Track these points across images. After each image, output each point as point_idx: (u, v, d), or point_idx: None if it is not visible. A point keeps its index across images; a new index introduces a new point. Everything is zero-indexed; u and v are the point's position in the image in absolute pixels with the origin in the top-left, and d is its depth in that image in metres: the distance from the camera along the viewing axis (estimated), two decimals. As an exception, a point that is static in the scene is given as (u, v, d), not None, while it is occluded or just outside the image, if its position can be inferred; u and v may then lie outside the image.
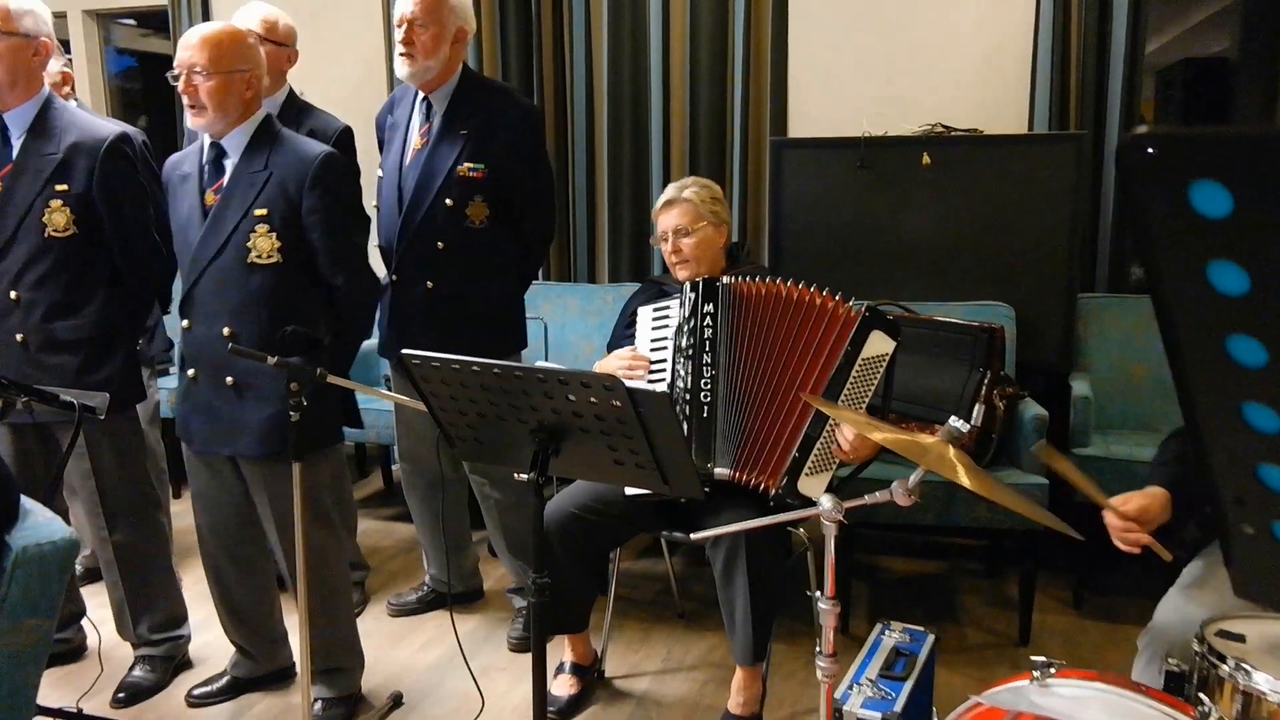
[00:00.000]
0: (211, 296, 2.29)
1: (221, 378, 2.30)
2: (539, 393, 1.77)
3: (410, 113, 2.83)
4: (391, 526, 3.92)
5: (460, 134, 2.72)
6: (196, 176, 2.33)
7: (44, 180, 2.35)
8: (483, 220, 2.76)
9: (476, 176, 2.72)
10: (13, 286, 2.36)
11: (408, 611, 3.12)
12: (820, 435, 2.36)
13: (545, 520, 2.42)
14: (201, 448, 2.40)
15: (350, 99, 4.20)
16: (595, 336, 3.68)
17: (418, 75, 2.70)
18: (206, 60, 2.21)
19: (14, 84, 2.35)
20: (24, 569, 1.30)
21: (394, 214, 2.78)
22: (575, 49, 3.94)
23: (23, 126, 2.39)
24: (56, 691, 2.63)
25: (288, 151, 2.31)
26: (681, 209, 2.60)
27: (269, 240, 2.27)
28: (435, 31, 2.67)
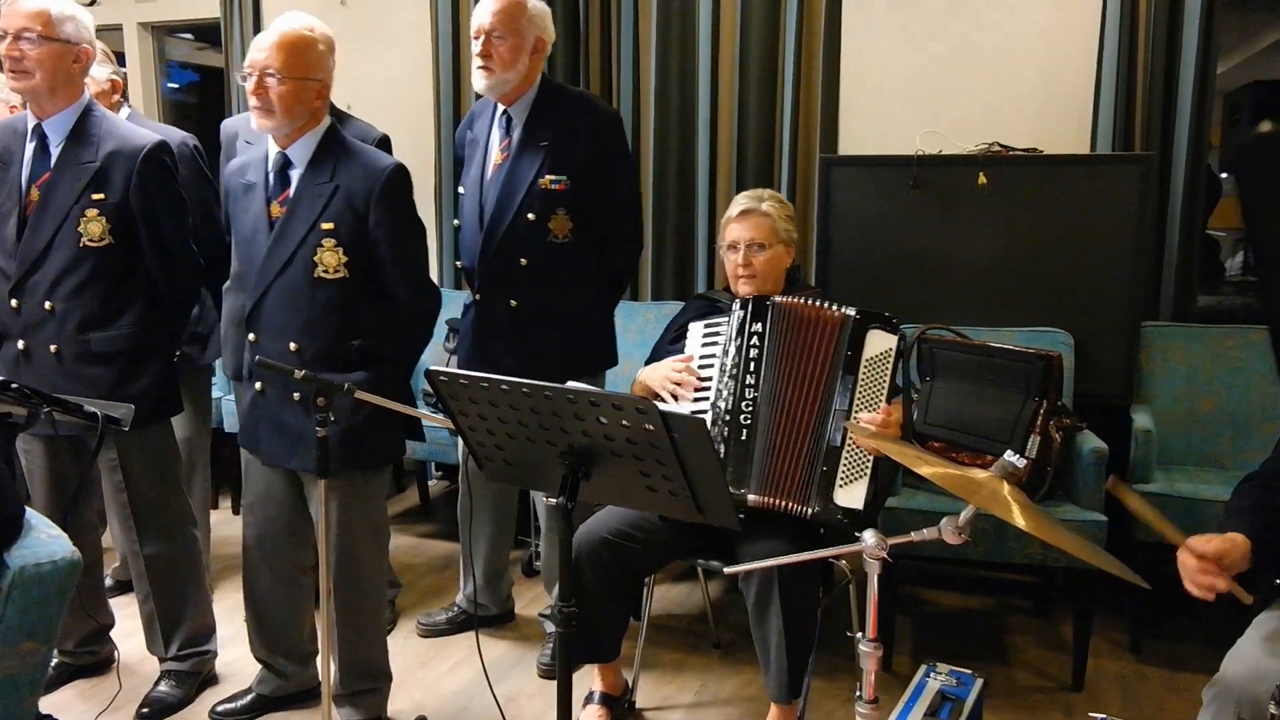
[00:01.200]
0: (278, 311, 2.26)
1: (290, 392, 2.26)
2: (570, 414, 1.70)
3: (490, 127, 2.77)
4: (425, 543, 3.86)
5: (541, 145, 2.66)
6: (262, 187, 2.30)
7: (81, 189, 2.32)
8: (566, 234, 2.69)
9: (559, 189, 2.65)
10: (48, 297, 2.34)
11: (437, 632, 3.05)
12: (844, 444, 2.29)
13: (576, 545, 2.36)
14: (272, 462, 2.36)
15: (396, 108, 4.19)
16: (636, 354, 3.59)
17: (496, 88, 2.64)
18: (282, 64, 2.18)
19: (54, 90, 2.33)
20: (21, 590, 1.25)
21: (475, 232, 2.72)
22: (622, 64, 3.88)
23: (62, 134, 2.37)
24: (78, 706, 2.60)
25: (355, 164, 2.26)
26: (758, 222, 2.50)
27: (335, 255, 2.24)
28: (514, 43, 2.61)
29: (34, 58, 2.27)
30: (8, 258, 2.36)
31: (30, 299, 2.34)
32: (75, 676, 2.72)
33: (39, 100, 2.34)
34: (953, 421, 2.94)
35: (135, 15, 4.95)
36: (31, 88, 2.30)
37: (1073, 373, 3.08)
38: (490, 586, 3.06)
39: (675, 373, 2.46)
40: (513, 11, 2.61)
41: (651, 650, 2.92)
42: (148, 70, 5.07)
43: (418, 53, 4.25)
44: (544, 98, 2.71)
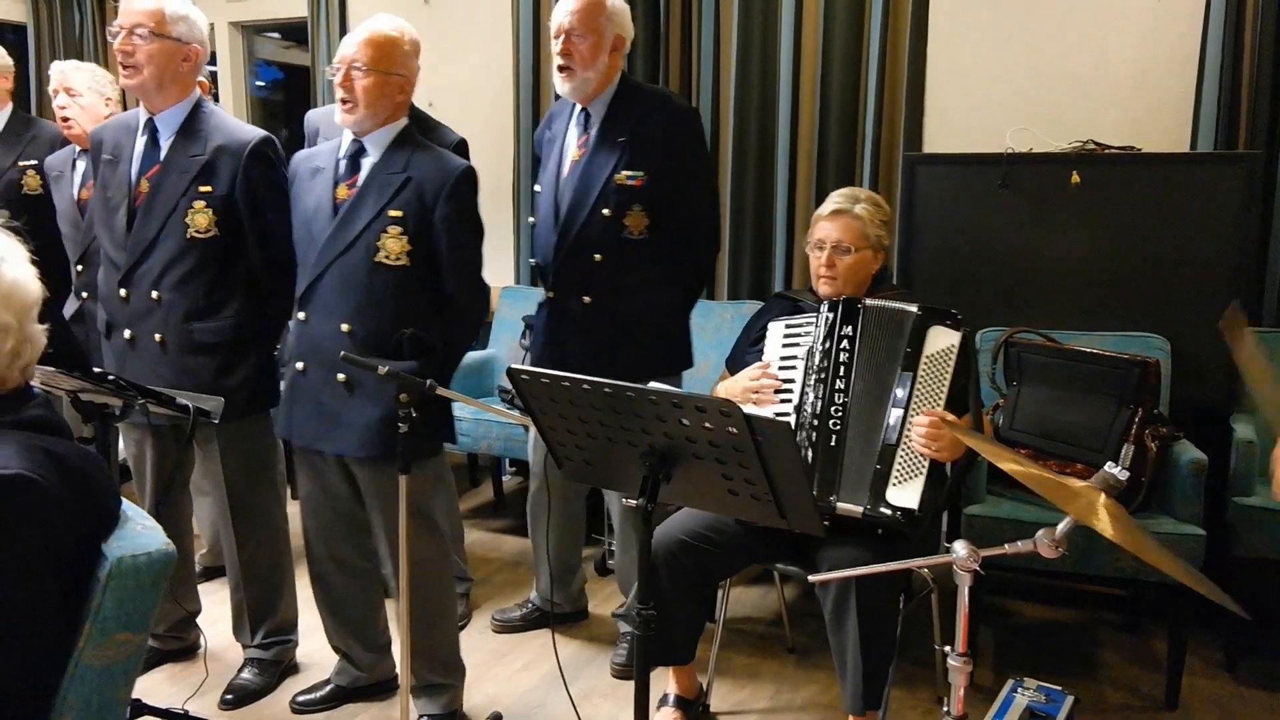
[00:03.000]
0: (333, 292, 2.29)
1: (334, 374, 2.29)
2: (651, 415, 1.68)
3: (568, 124, 2.77)
4: (500, 539, 3.89)
5: (618, 142, 2.65)
6: (331, 171, 2.33)
7: (189, 181, 2.38)
8: (642, 230, 2.67)
9: (635, 184, 2.64)
10: (154, 287, 2.40)
11: (511, 628, 3.06)
12: (899, 441, 2.23)
13: (653, 546, 2.34)
14: (304, 444, 2.39)
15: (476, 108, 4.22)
16: (713, 354, 3.57)
17: (578, 89, 2.64)
18: (367, 58, 2.23)
19: (161, 87, 2.38)
20: (119, 581, 1.27)
21: (550, 228, 2.72)
22: (702, 61, 3.85)
23: (172, 129, 2.42)
24: (168, 690, 2.67)
25: (428, 159, 2.30)
26: (848, 223, 2.44)
27: (400, 242, 2.26)
28: (594, 41, 2.60)
29: (144, 54, 2.33)
30: (118, 248, 2.43)
31: (138, 289, 2.40)
32: (164, 661, 2.80)
33: (147, 95, 2.40)
34: (1040, 428, 2.85)
35: (226, 14, 5.08)
36: (140, 83, 2.36)
37: (1169, 380, 2.96)
38: (562, 584, 3.06)
39: (753, 381, 2.42)
40: (592, 10, 2.60)
41: (726, 654, 2.89)
42: (237, 68, 5.20)
43: (499, 53, 4.27)
44: (622, 95, 2.70)
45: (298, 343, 2.35)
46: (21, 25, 5.09)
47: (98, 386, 1.94)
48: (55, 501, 1.24)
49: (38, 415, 1.37)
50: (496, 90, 4.28)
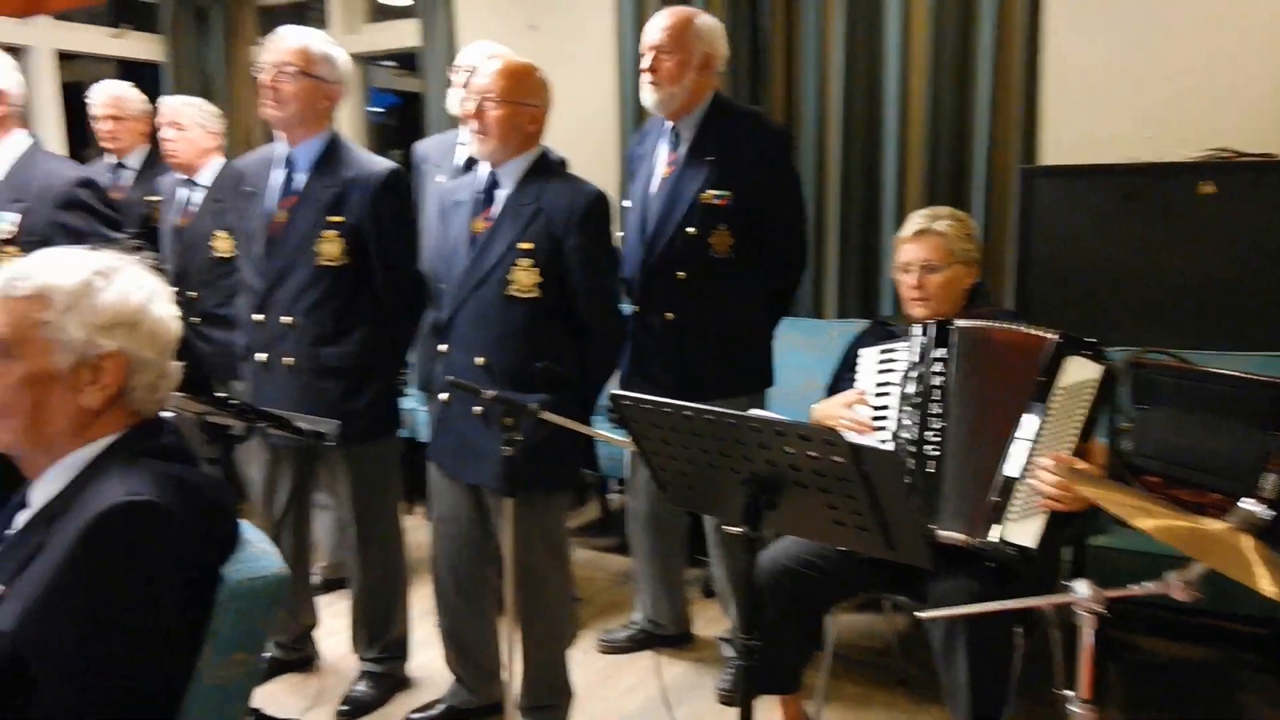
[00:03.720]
0: (470, 325, 2.34)
1: (472, 407, 2.33)
2: (753, 442, 1.65)
3: (658, 142, 2.80)
4: (606, 558, 3.90)
5: (706, 160, 2.66)
6: (469, 204, 2.39)
7: (321, 211, 2.47)
8: (727, 249, 2.67)
9: (721, 204, 2.63)
10: (287, 312, 2.50)
11: (617, 649, 3.06)
12: (1021, 476, 2.10)
13: (758, 573, 2.30)
14: (451, 472, 2.45)
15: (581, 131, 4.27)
16: (818, 373, 3.48)
17: (664, 104, 2.66)
18: (500, 89, 2.28)
19: (302, 122, 2.48)
20: (235, 603, 1.32)
21: (637, 244, 2.74)
22: (806, 75, 3.80)
23: (309, 161, 2.53)
24: (286, 700, 2.77)
25: (559, 188, 2.33)
26: (932, 242, 2.37)
27: (530, 274, 2.30)
28: (680, 59, 2.62)
29: (289, 91, 2.44)
30: (255, 275, 2.54)
31: (272, 314, 2.51)
32: (284, 671, 2.90)
33: (289, 129, 2.51)
34: (1171, 454, 2.69)
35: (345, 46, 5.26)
36: (283, 118, 2.47)
37: (1316, 403, 2.75)
38: (666, 606, 3.04)
39: (847, 408, 2.36)
40: (680, 28, 2.62)
41: (836, 683, 2.82)
42: (353, 98, 5.40)
43: (604, 76, 4.32)
44: (713, 114, 2.71)
45: (442, 374, 2.40)
46: (156, 64, 5.40)
47: (221, 410, 2.02)
48: (182, 527, 1.29)
49: (170, 444, 1.43)
50: (600, 113, 4.32)
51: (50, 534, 1.29)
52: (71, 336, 1.34)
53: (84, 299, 1.35)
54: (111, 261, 1.42)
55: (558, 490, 2.43)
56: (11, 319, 1.33)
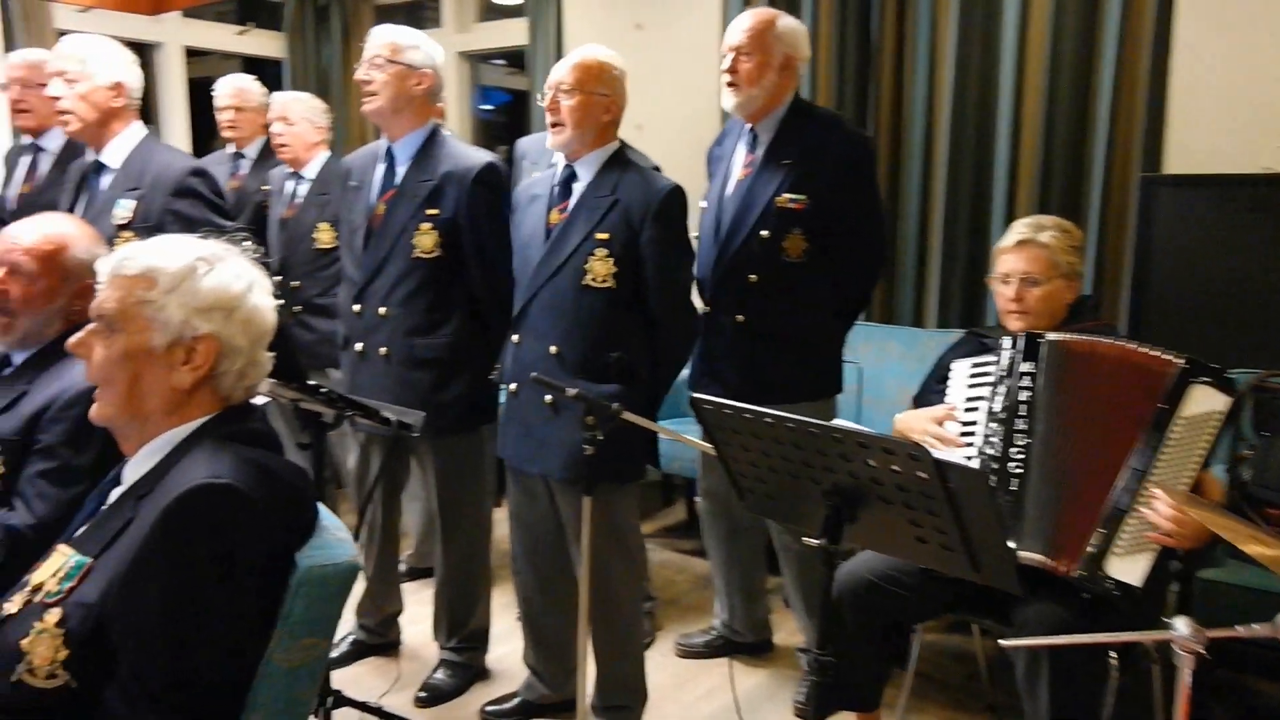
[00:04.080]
0: (543, 315, 2.35)
1: (541, 396, 2.34)
2: (835, 453, 1.61)
3: (736, 143, 2.77)
4: (689, 560, 3.87)
5: (783, 164, 2.62)
6: (546, 197, 2.41)
7: (418, 204, 2.52)
8: (800, 254, 2.63)
9: (796, 208, 2.59)
10: (383, 303, 2.55)
11: (694, 654, 3.03)
12: (1130, 507, 1.98)
13: (837, 587, 2.24)
14: (514, 463, 2.46)
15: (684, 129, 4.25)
16: (914, 384, 3.35)
17: (743, 105, 2.64)
18: (573, 80, 2.31)
19: (396, 111, 2.52)
20: (307, 588, 1.34)
21: (711, 245, 2.73)
22: (917, 73, 3.69)
23: (408, 155, 2.58)
24: (367, 682, 2.82)
25: (635, 181, 2.34)
26: (1034, 254, 2.27)
27: (606, 264, 2.31)
28: (760, 60, 2.59)
29: (379, 82, 2.49)
30: (355, 267, 2.61)
31: (369, 304, 2.57)
32: (368, 654, 2.97)
33: (385, 121, 2.56)
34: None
35: (455, 45, 5.38)
36: (377, 109, 2.52)
37: None
38: (744, 613, 3.00)
39: (934, 424, 2.28)
40: (761, 29, 2.59)
41: (916, 703, 2.73)
42: (463, 95, 5.50)
43: (708, 77, 4.28)
44: (793, 117, 2.66)
45: (512, 365, 2.43)
46: (278, 60, 5.61)
47: (311, 397, 2.07)
48: (259, 512, 1.32)
49: (255, 429, 1.47)
50: (703, 112, 4.29)
51: (137, 510, 1.34)
52: (170, 316, 1.40)
53: (186, 281, 1.42)
54: (217, 250, 1.48)
55: (625, 484, 2.41)
56: (119, 295, 1.41)
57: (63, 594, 1.31)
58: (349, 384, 2.64)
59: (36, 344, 1.90)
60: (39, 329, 1.89)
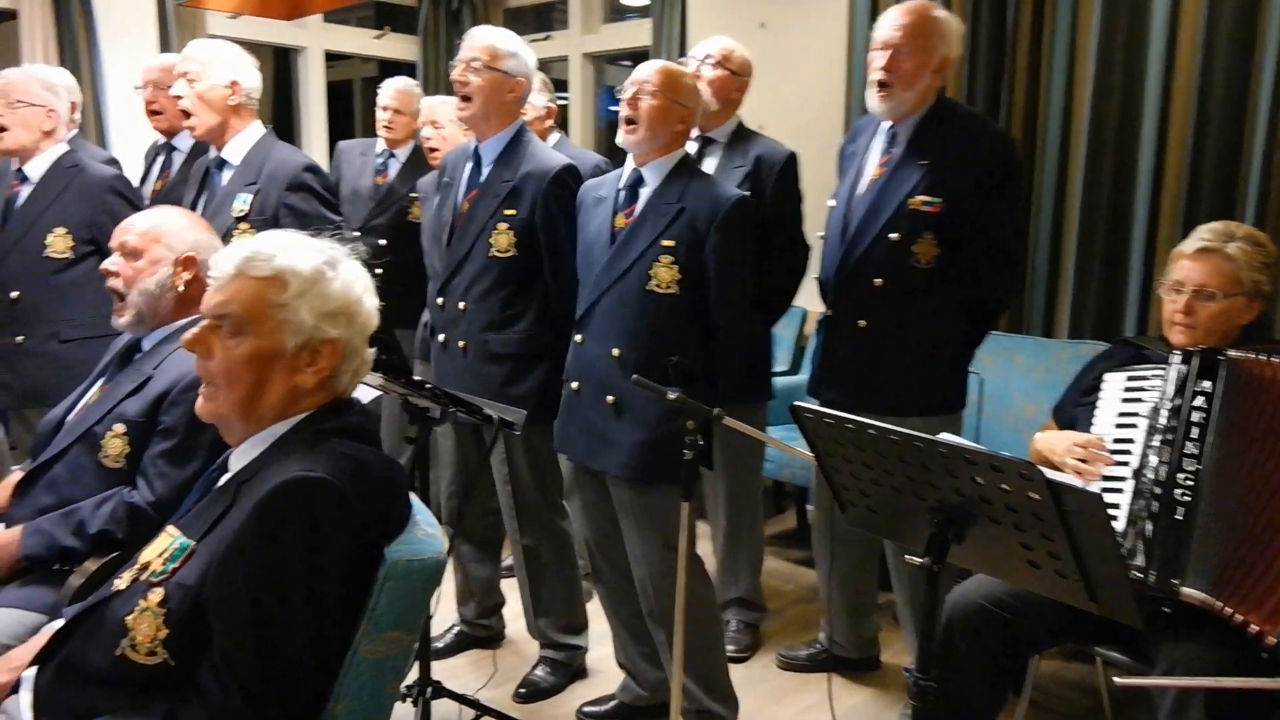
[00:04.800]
0: (607, 317, 2.36)
1: (604, 395, 2.35)
2: (941, 468, 1.53)
3: (870, 141, 2.67)
4: (799, 570, 3.79)
5: (920, 164, 2.50)
6: (611, 200, 2.42)
7: (497, 204, 2.56)
8: (930, 260, 2.50)
9: (930, 211, 2.47)
10: (462, 298, 2.61)
11: (796, 667, 2.96)
12: None
13: (949, 609, 2.15)
14: (575, 459, 2.49)
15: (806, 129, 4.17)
16: (1041, 398, 3.23)
17: (894, 109, 2.51)
18: (658, 82, 2.32)
19: (487, 116, 2.58)
20: (394, 582, 1.36)
21: (836, 246, 2.63)
22: (1054, 67, 3.50)
23: (493, 155, 2.63)
24: (467, 675, 2.86)
25: (702, 189, 2.35)
26: (1217, 265, 2.09)
27: (670, 271, 2.30)
28: (921, 60, 2.46)
29: (475, 86, 2.54)
30: (440, 262, 2.68)
31: (450, 299, 2.63)
32: (470, 646, 3.01)
33: (476, 124, 2.61)
34: None
35: (580, 47, 5.44)
36: (471, 113, 2.57)
37: None
38: (851, 627, 2.90)
39: (1079, 448, 2.13)
40: (923, 26, 2.45)
41: (1031, 734, 2.59)
42: (587, 97, 5.55)
43: (832, 74, 4.19)
44: (934, 115, 2.54)
45: (574, 363, 2.44)
46: (412, 63, 5.79)
47: (418, 393, 2.11)
48: (350, 505, 1.35)
49: (355, 423, 1.51)
50: (825, 113, 4.20)
51: (238, 498, 1.39)
52: (301, 320, 1.43)
53: (316, 286, 1.45)
54: (334, 251, 1.52)
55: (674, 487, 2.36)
56: (247, 297, 1.44)
57: (166, 574, 1.36)
58: (435, 374, 2.71)
59: (152, 325, 2.01)
60: (151, 306, 1.99)
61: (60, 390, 2.24)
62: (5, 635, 1.74)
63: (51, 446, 1.98)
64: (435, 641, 2.86)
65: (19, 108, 2.85)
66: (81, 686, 1.37)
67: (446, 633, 3.00)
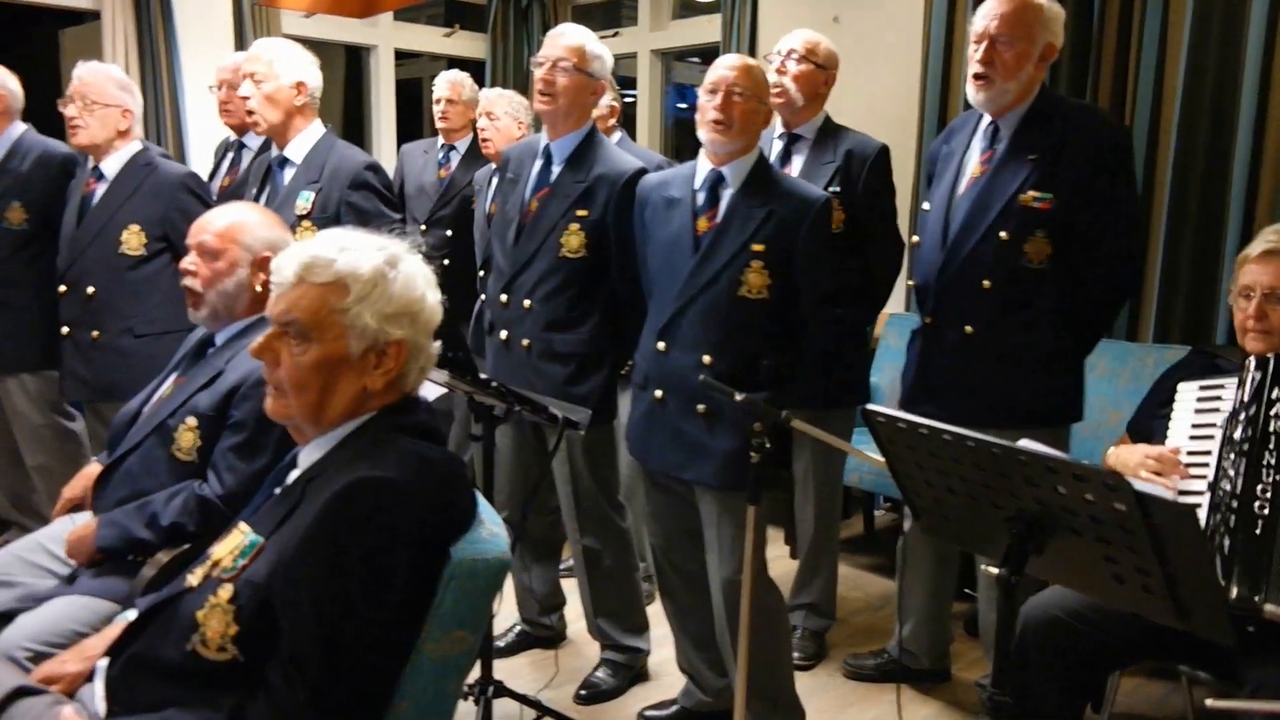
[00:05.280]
0: (695, 325, 2.30)
1: (694, 404, 2.30)
2: (1020, 477, 1.48)
3: (970, 139, 2.56)
4: (866, 577, 3.72)
5: (1028, 159, 2.39)
6: (688, 202, 2.36)
7: (569, 205, 2.55)
8: (1042, 260, 2.39)
9: (1042, 207, 2.36)
10: (528, 296, 2.60)
11: (863, 676, 2.89)
12: None
13: (1024, 621, 2.08)
14: (661, 469, 2.42)
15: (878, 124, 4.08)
16: (1124, 405, 3.11)
17: (994, 100, 2.41)
18: (748, 84, 2.27)
19: (568, 115, 2.58)
20: (458, 581, 1.36)
21: (936, 249, 2.52)
22: (1143, 63, 3.37)
23: (564, 155, 2.62)
24: (528, 675, 2.86)
25: (788, 191, 2.30)
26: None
27: (761, 276, 2.25)
28: (1023, 49, 2.36)
29: (561, 85, 2.53)
30: (505, 259, 2.67)
31: (515, 296, 2.62)
32: (531, 646, 3.00)
33: (554, 123, 2.60)
34: None
35: (648, 44, 5.42)
36: (553, 110, 2.56)
37: None
38: (923, 637, 2.82)
39: (1152, 460, 2.04)
40: (1025, 13, 2.35)
41: (1110, 754, 2.49)
42: (655, 92, 5.53)
43: (905, 68, 4.11)
44: (1040, 108, 2.43)
45: (656, 371, 2.37)
46: (481, 61, 5.83)
47: (484, 391, 2.11)
48: (416, 504, 1.34)
49: (421, 421, 1.50)
50: (900, 108, 4.11)
51: (306, 495, 1.39)
52: (365, 324, 1.43)
53: (377, 288, 1.44)
54: (394, 249, 1.50)
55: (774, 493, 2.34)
56: (310, 304, 1.43)
57: (236, 571, 1.37)
58: (491, 371, 2.69)
59: (227, 321, 2.03)
60: (228, 304, 2.02)
61: (134, 385, 2.29)
62: (81, 623, 1.78)
63: (127, 440, 2.02)
64: (497, 640, 2.86)
65: (95, 109, 2.92)
66: (153, 679, 1.38)
67: (508, 632, 3.00)
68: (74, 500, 2.15)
